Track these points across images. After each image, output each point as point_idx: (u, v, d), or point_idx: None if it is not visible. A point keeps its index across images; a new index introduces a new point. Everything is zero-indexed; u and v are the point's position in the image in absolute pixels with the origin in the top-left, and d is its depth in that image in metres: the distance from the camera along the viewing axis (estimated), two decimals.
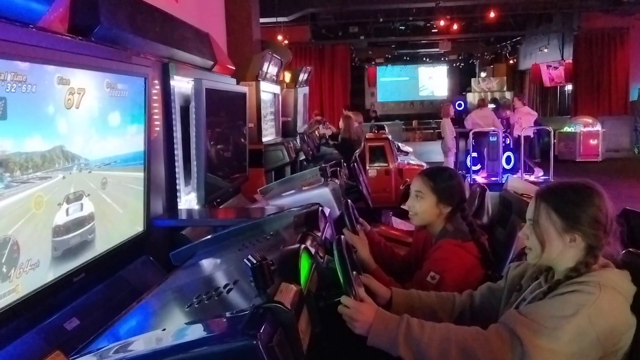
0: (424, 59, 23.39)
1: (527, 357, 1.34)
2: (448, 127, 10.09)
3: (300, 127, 7.44)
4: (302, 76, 7.51)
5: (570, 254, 1.48)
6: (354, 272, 1.70)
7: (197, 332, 1.27)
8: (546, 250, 1.50)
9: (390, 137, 7.67)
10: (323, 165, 3.78)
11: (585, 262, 1.45)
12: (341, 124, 8.30)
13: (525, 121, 10.92)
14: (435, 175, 2.31)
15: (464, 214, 2.27)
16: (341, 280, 1.53)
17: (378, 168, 6.94)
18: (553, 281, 1.50)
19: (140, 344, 1.30)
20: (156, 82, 2.60)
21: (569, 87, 16.34)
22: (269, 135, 5.96)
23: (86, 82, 1.87)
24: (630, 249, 1.53)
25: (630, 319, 1.38)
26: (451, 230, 2.25)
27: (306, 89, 7.93)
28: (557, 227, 1.47)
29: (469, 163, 10.39)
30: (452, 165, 9.57)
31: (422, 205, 2.27)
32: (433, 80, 24.46)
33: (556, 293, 1.41)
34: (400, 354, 1.45)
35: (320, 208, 2.24)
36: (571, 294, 1.38)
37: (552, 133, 11.04)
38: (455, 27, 15.16)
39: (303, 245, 1.62)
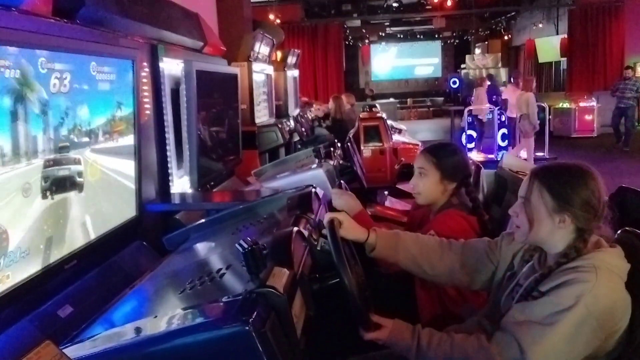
0: (418, 36, 23.22)
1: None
2: (533, 102, 9.02)
3: (293, 109, 7.38)
4: (291, 59, 7.43)
5: (558, 236, 1.47)
6: (347, 248, 1.68)
7: (189, 318, 1.26)
8: (534, 229, 1.49)
9: (384, 116, 7.62)
10: (317, 146, 3.76)
11: (575, 246, 1.44)
12: (330, 104, 8.23)
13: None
14: (438, 151, 2.27)
15: (468, 189, 2.24)
16: (335, 263, 1.52)
17: (372, 148, 6.89)
18: (545, 267, 1.48)
19: (132, 331, 1.29)
20: (145, 64, 2.55)
21: (563, 63, 16.26)
22: (262, 116, 5.91)
23: (72, 65, 1.83)
24: (626, 228, 1.52)
25: (626, 298, 1.37)
26: (456, 203, 2.23)
27: (296, 72, 7.85)
28: (548, 206, 1.46)
29: (464, 141, 10.38)
30: (532, 149, 9.19)
31: (426, 183, 2.23)
32: (427, 58, 24.30)
33: (552, 284, 1.40)
34: None
35: (313, 190, 2.23)
36: (567, 286, 1.36)
37: (547, 109, 11.00)
38: (449, 3, 15.02)
39: (296, 229, 1.61)
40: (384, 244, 1.80)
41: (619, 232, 1.52)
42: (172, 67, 2.83)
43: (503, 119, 10.28)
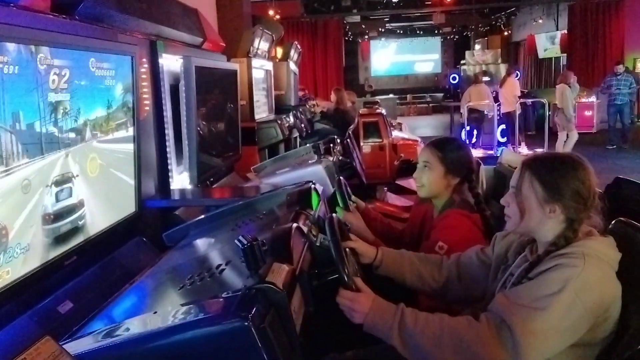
0: (418, 32, 23.17)
1: (519, 345, 1.32)
2: (568, 95, 8.82)
3: (293, 101, 7.36)
4: (293, 54, 7.40)
5: (548, 225, 1.48)
6: (347, 250, 1.69)
7: (188, 314, 1.26)
8: (525, 219, 1.50)
9: (384, 112, 7.60)
10: (317, 142, 3.75)
11: (564, 236, 1.45)
12: (332, 97, 8.24)
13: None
14: (443, 145, 2.27)
15: (471, 185, 2.25)
16: (335, 260, 1.52)
17: (372, 144, 6.87)
18: (535, 256, 1.50)
19: (132, 327, 1.30)
20: (144, 60, 2.55)
21: (563, 58, 16.21)
22: (262, 112, 5.90)
23: (71, 62, 1.83)
24: (620, 218, 1.53)
25: (616, 287, 1.38)
26: (458, 201, 2.23)
27: (296, 69, 7.83)
28: (539, 196, 1.47)
29: (463, 137, 10.38)
30: (572, 144, 8.99)
31: (430, 176, 2.24)
32: (427, 54, 24.25)
33: (541, 269, 1.41)
34: (393, 344, 1.44)
35: (313, 186, 2.23)
36: (555, 270, 1.37)
37: (546, 105, 10.98)
38: None
39: (295, 225, 1.61)
40: (389, 260, 1.85)
41: (613, 222, 1.53)
42: (171, 63, 2.82)
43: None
